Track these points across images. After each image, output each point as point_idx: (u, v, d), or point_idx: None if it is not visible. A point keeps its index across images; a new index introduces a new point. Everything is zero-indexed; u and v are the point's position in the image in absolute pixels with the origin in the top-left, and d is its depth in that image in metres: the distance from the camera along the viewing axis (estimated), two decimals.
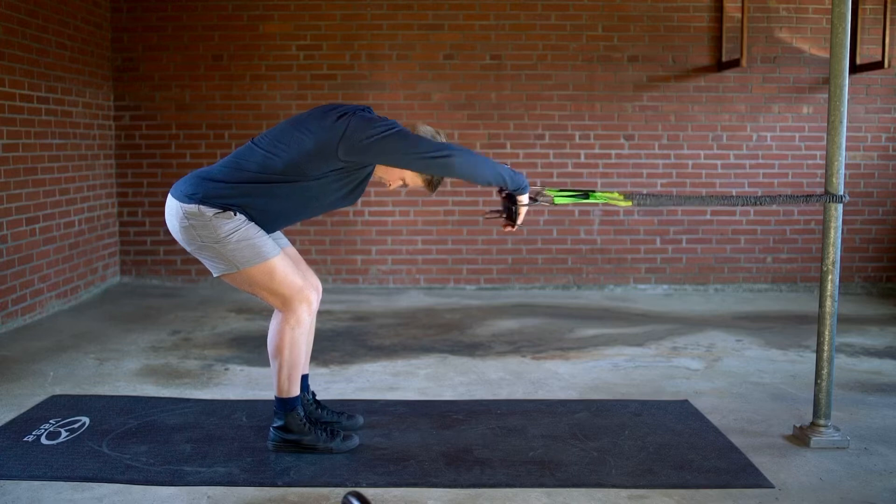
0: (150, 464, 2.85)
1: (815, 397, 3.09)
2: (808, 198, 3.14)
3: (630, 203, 3.05)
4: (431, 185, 2.99)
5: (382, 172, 2.95)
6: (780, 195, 3.22)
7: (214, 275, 2.93)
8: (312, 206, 2.93)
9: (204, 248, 2.86)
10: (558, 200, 3.01)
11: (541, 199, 2.96)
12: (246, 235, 2.83)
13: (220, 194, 2.81)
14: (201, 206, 2.81)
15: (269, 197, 2.84)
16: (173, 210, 2.88)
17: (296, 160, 2.79)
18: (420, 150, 2.75)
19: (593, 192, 3.09)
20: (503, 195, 2.93)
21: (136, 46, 6.24)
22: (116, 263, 6.39)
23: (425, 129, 2.93)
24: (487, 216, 3.03)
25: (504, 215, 2.94)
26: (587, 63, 6.28)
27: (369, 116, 2.84)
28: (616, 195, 3.03)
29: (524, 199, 2.90)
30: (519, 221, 2.94)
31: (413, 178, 2.97)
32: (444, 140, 2.94)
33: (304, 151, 2.78)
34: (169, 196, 2.92)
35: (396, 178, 2.96)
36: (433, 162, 2.76)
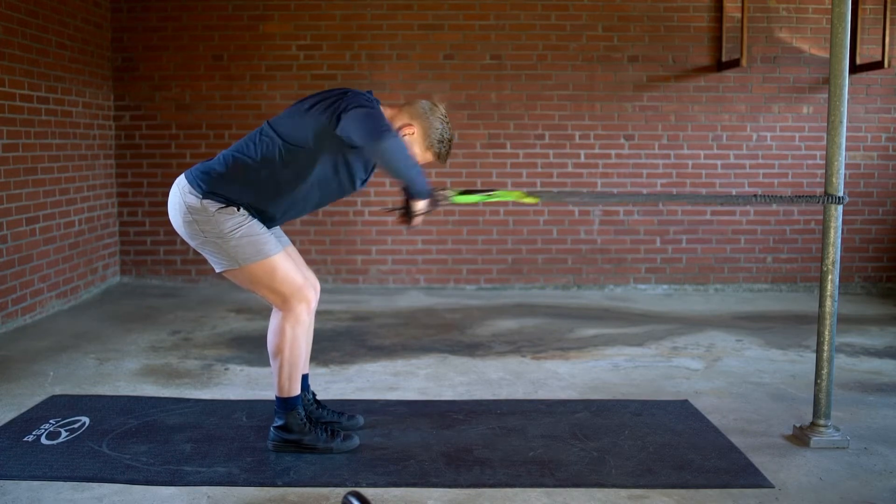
0: (150, 464, 2.85)
1: (815, 397, 3.09)
2: (799, 198, 3.14)
3: (537, 200, 3.09)
4: (441, 157, 2.99)
5: None
6: (761, 195, 3.20)
7: (217, 270, 2.93)
8: (316, 197, 2.93)
9: (207, 243, 2.86)
10: (457, 200, 3.04)
11: (441, 200, 2.97)
12: (249, 232, 2.83)
13: (223, 189, 2.81)
14: (204, 201, 2.81)
15: (274, 186, 2.84)
16: (176, 205, 2.88)
17: (296, 149, 2.79)
18: (367, 126, 2.73)
19: (495, 190, 3.13)
20: (405, 195, 2.94)
21: (136, 46, 6.24)
22: (116, 263, 6.39)
23: (436, 116, 2.93)
24: (384, 210, 3.06)
25: (401, 213, 2.96)
26: (587, 63, 6.28)
27: (359, 94, 2.84)
28: (521, 194, 3.07)
29: (421, 205, 2.89)
30: (413, 223, 2.95)
31: (423, 156, 2.96)
32: (448, 133, 2.95)
33: (305, 137, 2.78)
34: (171, 191, 2.92)
35: None
36: (371, 140, 2.73)
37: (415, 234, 6.37)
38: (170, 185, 2.98)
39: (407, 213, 2.92)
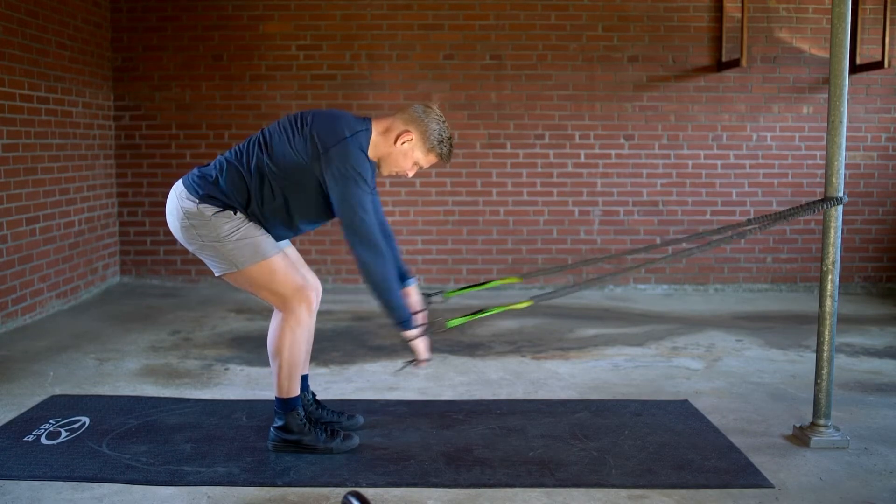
0: (150, 464, 2.85)
1: (815, 397, 3.09)
2: (800, 209, 3.13)
3: (530, 303, 3.06)
4: (443, 157, 2.96)
5: (393, 165, 2.92)
6: (764, 217, 3.18)
7: (216, 274, 2.93)
8: (310, 213, 2.91)
9: (205, 247, 2.86)
10: (452, 324, 2.99)
11: (434, 328, 2.93)
12: (246, 234, 2.83)
13: (219, 193, 2.82)
14: (201, 206, 2.81)
15: (268, 196, 2.84)
16: (173, 210, 2.88)
17: (284, 169, 2.81)
18: (353, 216, 2.73)
19: (486, 309, 3.07)
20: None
21: (136, 46, 6.24)
22: (116, 263, 6.39)
23: (431, 117, 2.89)
24: (399, 370, 3.01)
25: (410, 362, 2.92)
26: (587, 63, 6.28)
27: (357, 149, 2.78)
28: (513, 305, 3.06)
29: (410, 334, 2.84)
30: (421, 357, 2.89)
31: (425, 160, 2.94)
32: (446, 132, 2.91)
33: (291, 162, 2.79)
34: (169, 197, 2.93)
35: (410, 165, 2.93)
36: (351, 237, 2.75)
37: (415, 234, 6.37)
38: (170, 185, 2.99)
39: (412, 353, 2.87)
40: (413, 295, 3.05)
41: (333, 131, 2.78)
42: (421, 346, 2.88)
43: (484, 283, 3.20)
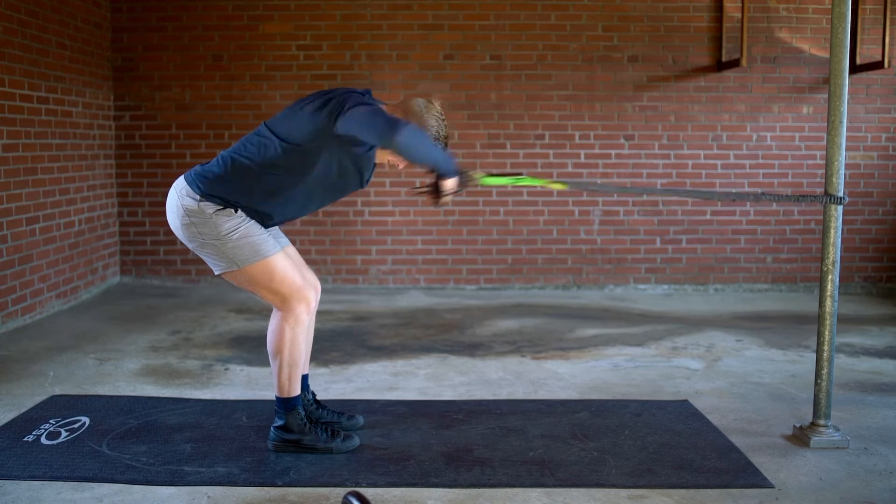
0: (150, 464, 2.85)
1: (815, 397, 3.09)
2: (800, 198, 3.14)
3: (565, 186, 3.11)
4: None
5: (389, 156, 2.93)
6: (766, 193, 3.21)
7: (216, 272, 2.93)
8: (316, 197, 2.93)
9: (205, 245, 2.86)
10: (486, 182, 3.07)
11: (469, 181, 2.97)
12: (247, 233, 2.83)
13: (220, 190, 2.82)
14: (202, 203, 2.81)
15: (270, 190, 2.84)
16: (174, 208, 2.88)
17: (293, 148, 2.79)
18: (376, 124, 2.72)
19: (522, 173, 3.16)
20: (434, 175, 2.94)
21: (136, 46, 6.24)
22: (116, 263, 6.39)
23: (431, 114, 2.91)
24: (414, 189, 3.06)
25: (431, 191, 2.95)
26: (587, 63, 6.28)
27: (360, 93, 2.85)
28: (548, 180, 3.09)
29: (450, 184, 2.87)
30: (443, 201, 2.94)
31: None
32: (444, 130, 2.93)
33: (302, 137, 2.78)
34: (169, 194, 2.92)
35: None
36: (387, 137, 2.72)
37: (415, 234, 6.37)
38: (170, 185, 2.98)
39: (436, 192, 2.92)
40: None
41: (329, 101, 2.81)
42: (450, 186, 2.88)
43: (519, 175, 3.20)
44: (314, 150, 2.79)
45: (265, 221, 2.91)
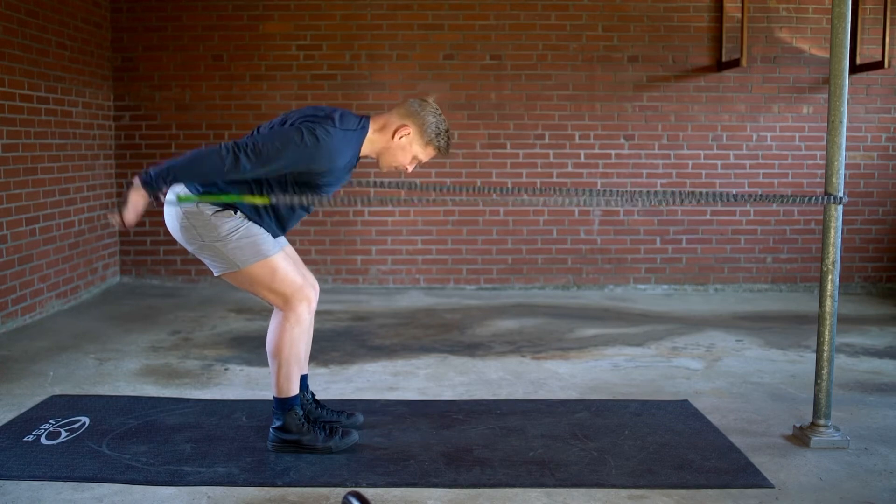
0: (150, 464, 2.85)
1: (815, 397, 3.09)
2: (800, 198, 3.14)
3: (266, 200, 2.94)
4: (442, 151, 2.95)
5: (392, 160, 2.92)
6: (762, 195, 3.19)
7: (216, 274, 2.93)
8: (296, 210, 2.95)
9: (204, 247, 2.86)
10: (181, 199, 2.84)
11: (156, 200, 2.81)
12: (246, 234, 2.83)
13: (217, 193, 2.82)
14: (200, 205, 2.81)
15: (265, 192, 2.84)
16: (173, 211, 2.89)
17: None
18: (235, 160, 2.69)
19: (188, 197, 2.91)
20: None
21: (136, 46, 6.24)
22: (116, 263, 6.39)
23: (427, 111, 2.91)
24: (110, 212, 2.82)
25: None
26: (587, 63, 6.28)
27: (289, 126, 2.79)
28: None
29: (135, 190, 2.73)
30: (124, 215, 2.76)
31: (424, 153, 2.94)
32: (443, 124, 2.92)
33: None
34: (167, 196, 2.92)
35: (409, 159, 2.93)
36: (227, 148, 2.70)
37: (415, 234, 6.37)
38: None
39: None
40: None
41: (315, 116, 2.80)
42: (132, 202, 2.74)
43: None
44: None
45: (263, 223, 2.91)
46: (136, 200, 2.73)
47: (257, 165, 2.69)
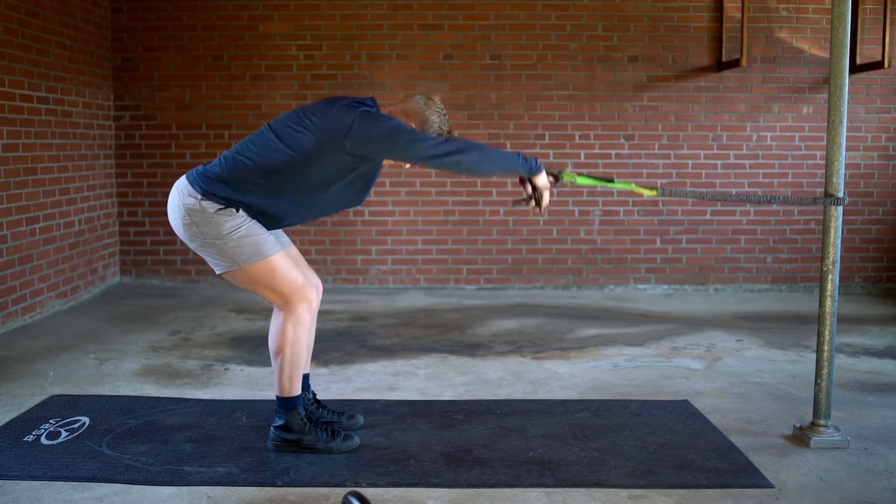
0: (150, 464, 2.85)
1: (815, 397, 3.09)
2: (801, 199, 3.14)
3: (654, 193, 3.10)
4: None
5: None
6: (783, 196, 3.20)
7: (217, 272, 2.93)
8: (318, 205, 2.93)
9: (206, 245, 2.86)
10: (581, 181, 3.05)
11: (562, 179, 2.96)
12: (248, 233, 2.83)
13: (222, 190, 2.81)
14: (203, 203, 2.81)
15: (271, 194, 2.83)
16: (175, 207, 2.88)
17: (297, 157, 2.78)
18: (426, 150, 2.76)
19: (612, 180, 3.17)
20: (522, 181, 2.93)
21: (136, 46, 6.24)
22: (116, 263, 6.39)
23: (433, 110, 2.93)
24: (514, 203, 3.05)
25: (529, 201, 2.94)
26: (587, 63, 6.28)
27: (374, 112, 2.84)
28: (640, 189, 3.13)
29: (540, 180, 2.88)
30: (544, 203, 2.93)
31: None
32: (446, 125, 2.94)
33: (307, 148, 2.77)
34: (171, 194, 2.92)
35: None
36: (440, 161, 2.77)
37: (415, 234, 6.37)
38: (170, 185, 2.98)
39: (536, 198, 2.90)
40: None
41: (340, 116, 2.79)
42: (542, 184, 2.88)
43: (610, 181, 3.18)
44: (317, 160, 2.79)
45: (267, 222, 2.91)
46: (547, 185, 2.90)
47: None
